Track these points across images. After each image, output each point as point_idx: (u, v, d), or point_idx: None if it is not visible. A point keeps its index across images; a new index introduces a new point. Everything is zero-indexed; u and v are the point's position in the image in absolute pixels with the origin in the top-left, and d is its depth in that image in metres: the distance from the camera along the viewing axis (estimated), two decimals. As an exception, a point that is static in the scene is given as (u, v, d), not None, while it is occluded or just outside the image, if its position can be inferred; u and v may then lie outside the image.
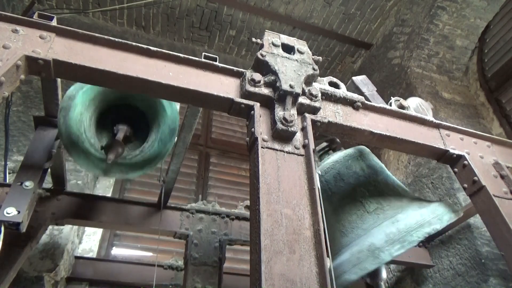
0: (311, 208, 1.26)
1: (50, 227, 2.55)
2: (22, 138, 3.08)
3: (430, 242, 2.98)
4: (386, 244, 1.74)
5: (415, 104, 2.05)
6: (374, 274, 1.86)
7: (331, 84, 1.79)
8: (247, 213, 2.72)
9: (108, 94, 1.94)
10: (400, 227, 1.78)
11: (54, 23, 1.49)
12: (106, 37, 1.48)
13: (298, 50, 1.68)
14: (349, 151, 2.13)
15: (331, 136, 2.15)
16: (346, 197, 2.02)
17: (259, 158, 1.32)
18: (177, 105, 2.06)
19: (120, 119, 1.99)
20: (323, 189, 1.89)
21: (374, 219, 1.89)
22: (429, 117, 1.92)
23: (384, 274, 1.90)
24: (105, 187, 3.58)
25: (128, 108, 2.02)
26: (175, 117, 1.99)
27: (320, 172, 1.95)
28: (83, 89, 1.85)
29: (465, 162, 1.80)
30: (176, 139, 2.07)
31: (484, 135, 2.02)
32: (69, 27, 1.47)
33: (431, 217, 1.80)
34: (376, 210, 1.93)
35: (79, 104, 1.84)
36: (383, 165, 2.14)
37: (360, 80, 1.94)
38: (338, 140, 2.21)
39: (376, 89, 1.94)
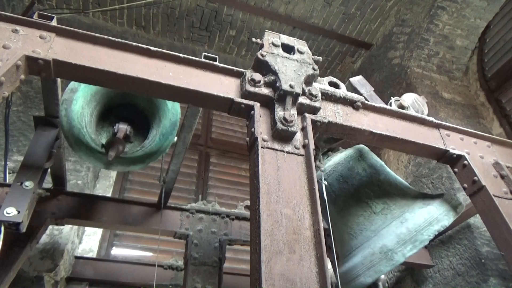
0: (311, 208, 1.26)
1: (50, 227, 2.55)
2: (22, 138, 3.08)
3: (430, 242, 2.96)
4: (398, 245, 1.75)
5: (410, 100, 2.05)
6: None
7: (331, 84, 1.79)
8: (247, 213, 2.72)
9: (109, 90, 1.94)
10: (410, 227, 1.79)
11: (54, 23, 1.49)
12: (106, 37, 1.48)
13: (298, 50, 1.68)
14: (349, 151, 2.13)
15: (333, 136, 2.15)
16: (351, 199, 2.02)
17: (259, 158, 1.32)
18: None
19: (121, 116, 1.99)
20: (327, 192, 1.89)
21: (382, 219, 1.90)
22: (429, 117, 1.92)
23: (382, 275, 1.90)
24: (105, 187, 3.58)
25: (129, 105, 2.02)
26: (176, 110, 1.99)
27: (324, 179, 1.94)
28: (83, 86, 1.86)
29: (465, 162, 1.80)
30: (176, 138, 2.07)
31: (484, 135, 2.02)
32: (69, 27, 1.47)
33: (438, 213, 1.81)
34: (383, 210, 1.93)
35: (81, 97, 1.85)
36: (383, 163, 2.14)
37: (357, 80, 1.94)
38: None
39: (373, 89, 1.93)
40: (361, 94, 1.85)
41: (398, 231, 1.80)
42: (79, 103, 1.85)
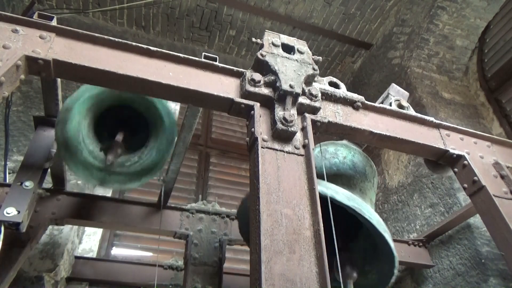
0: (311, 208, 1.26)
1: (50, 227, 2.55)
2: (22, 138, 3.08)
3: (430, 242, 2.98)
4: None
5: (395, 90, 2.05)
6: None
7: (331, 84, 1.79)
8: (247, 213, 2.71)
9: (105, 103, 1.93)
10: None
11: (54, 23, 1.49)
12: (106, 37, 1.48)
13: (298, 50, 1.68)
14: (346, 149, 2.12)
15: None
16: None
17: (259, 158, 1.32)
18: (177, 107, 2.07)
19: (117, 127, 1.99)
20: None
21: None
22: (429, 117, 1.92)
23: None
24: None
25: (128, 110, 2.01)
26: (173, 130, 1.98)
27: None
28: (80, 100, 1.84)
29: (465, 162, 1.80)
30: (173, 148, 2.07)
31: (484, 135, 2.02)
32: (69, 27, 1.47)
33: None
34: None
35: (76, 114, 1.84)
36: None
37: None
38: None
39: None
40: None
41: None
42: (75, 119, 1.84)
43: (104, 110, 1.97)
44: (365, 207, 1.71)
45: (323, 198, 1.46)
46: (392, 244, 1.64)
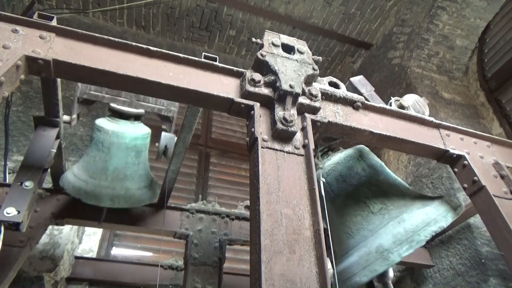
0: (311, 208, 1.26)
1: (50, 227, 2.55)
2: (22, 138, 3.08)
3: (430, 242, 2.97)
4: (394, 245, 1.75)
5: (412, 101, 2.05)
6: (381, 274, 1.86)
7: (331, 84, 1.79)
8: (247, 213, 2.72)
9: None
10: (407, 227, 1.79)
11: (54, 23, 1.49)
12: (106, 37, 1.48)
13: (298, 50, 1.68)
14: (349, 151, 2.12)
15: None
16: (350, 198, 2.02)
17: (259, 158, 1.32)
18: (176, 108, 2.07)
19: None
20: (325, 191, 1.89)
21: (380, 219, 1.90)
22: (429, 117, 1.92)
23: (391, 273, 1.90)
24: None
25: None
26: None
27: (323, 177, 1.95)
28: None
29: (465, 162, 1.80)
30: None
31: (484, 135, 2.02)
32: (69, 27, 1.47)
33: (436, 214, 1.81)
34: (381, 211, 1.93)
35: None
36: (383, 163, 2.14)
37: (358, 80, 1.94)
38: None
39: (374, 89, 1.94)
40: (361, 94, 1.85)
41: (395, 231, 1.80)
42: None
43: None
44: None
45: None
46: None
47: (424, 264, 2.89)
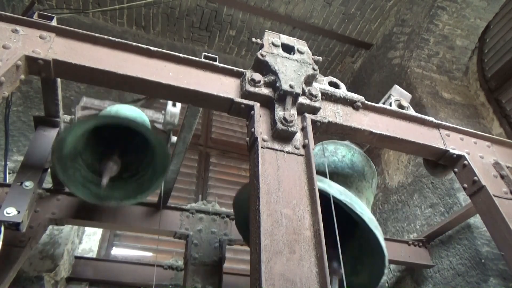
0: (311, 208, 1.26)
1: (50, 227, 2.54)
2: (22, 138, 3.08)
3: (430, 242, 2.98)
4: None
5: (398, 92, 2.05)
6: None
7: (331, 84, 1.79)
8: (247, 213, 2.71)
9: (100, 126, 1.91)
10: None
11: (54, 23, 1.49)
12: (106, 37, 1.48)
13: (298, 50, 1.68)
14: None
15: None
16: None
17: (259, 158, 1.32)
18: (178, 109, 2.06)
19: (115, 142, 1.97)
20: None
21: None
22: (429, 117, 1.92)
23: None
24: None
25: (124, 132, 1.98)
26: (166, 161, 1.97)
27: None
28: (72, 131, 1.83)
29: (465, 162, 1.80)
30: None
31: (484, 135, 2.02)
32: (69, 27, 1.47)
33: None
34: None
35: (71, 141, 1.82)
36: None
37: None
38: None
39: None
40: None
41: None
42: (70, 145, 1.82)
43: (100, 129, 1.96)
44: (358, 203, 1.70)
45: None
46: (382, 242, 1.62)
47: (424, 264, 2.89)
